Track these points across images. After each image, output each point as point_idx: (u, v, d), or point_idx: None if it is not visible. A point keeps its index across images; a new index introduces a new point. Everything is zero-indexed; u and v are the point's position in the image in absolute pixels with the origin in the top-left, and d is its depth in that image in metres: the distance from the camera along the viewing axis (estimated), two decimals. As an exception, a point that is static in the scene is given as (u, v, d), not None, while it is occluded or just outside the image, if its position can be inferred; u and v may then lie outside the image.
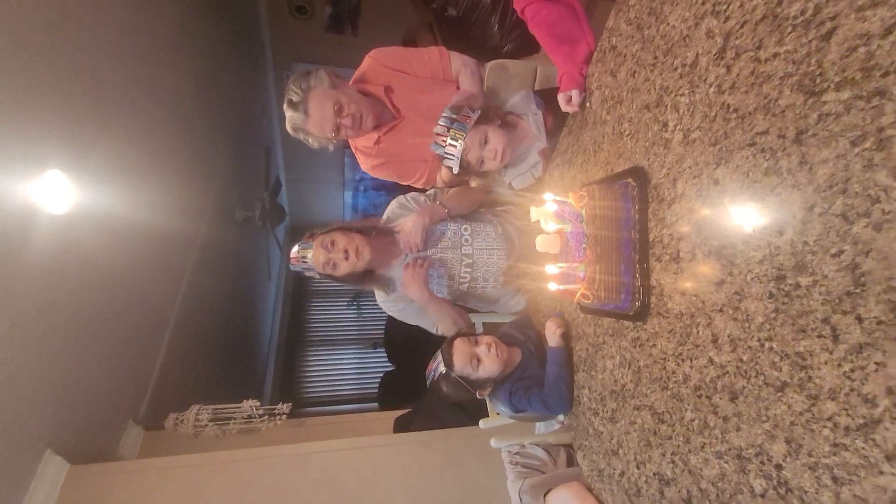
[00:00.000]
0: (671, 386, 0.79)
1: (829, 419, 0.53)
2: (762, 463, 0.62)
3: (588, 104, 1.09)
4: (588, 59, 1.08)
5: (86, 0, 1.77)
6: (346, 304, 6.35)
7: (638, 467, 0.88)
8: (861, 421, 0.50)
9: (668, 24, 0.80)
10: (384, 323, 5.01)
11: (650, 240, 0.85)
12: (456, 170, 1.29)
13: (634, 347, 0.89)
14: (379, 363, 5.60)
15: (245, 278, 4.67)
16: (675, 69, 0.79)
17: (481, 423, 1.60)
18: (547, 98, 1.35)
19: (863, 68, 0.50)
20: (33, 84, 1.51)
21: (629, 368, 0.91)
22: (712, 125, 0.71)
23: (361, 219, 1.55)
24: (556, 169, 1.28)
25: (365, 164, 1.63)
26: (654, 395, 0.83)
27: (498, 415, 1.56)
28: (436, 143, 1.27)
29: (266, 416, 2.17)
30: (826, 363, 0.54)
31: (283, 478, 1.82)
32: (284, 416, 2.21)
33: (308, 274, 1.40)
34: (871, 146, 0.49)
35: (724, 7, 0.69)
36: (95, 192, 1.87)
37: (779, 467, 0.59)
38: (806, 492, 0.56)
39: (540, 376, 1.24)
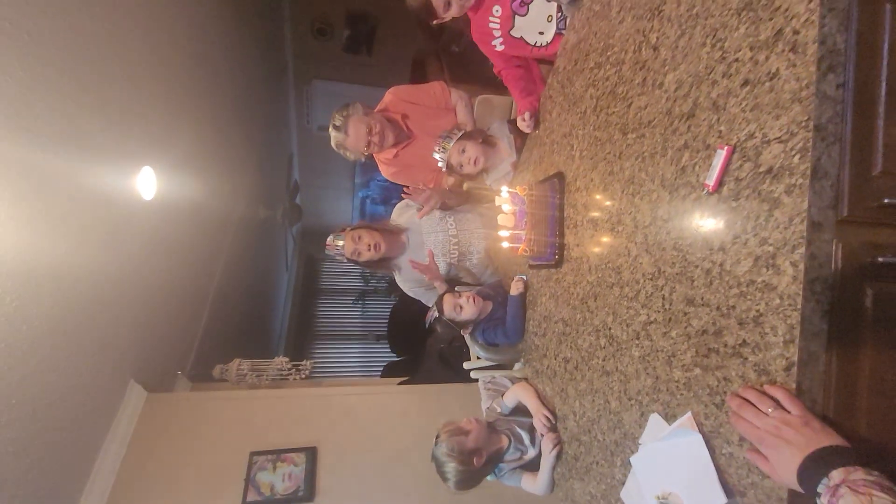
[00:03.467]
0: (570, 300, 1.32)
1: (626, 296, 1.05)
2: (605, 328, 1.14)
3: (537, 131, 1.63)
4: (537, 98, 1.63)
5: (166, 33, 2.34)
6: (351, 301, 6.83)
7: (554, 358, 1.40)
8: (634, 293, 1.02)
9: (574, 86, 1.35)
10: (387, 318, 5.51)
11: (564, 216, 1.38)
12: (443, 167, 1.83)
13: (556, 284, 1.42)
14: (382, 354, 6.08)
15: (266, 269, 5.20)
16: (577, 114, 1.33)
17: (465, 364, 2.12)
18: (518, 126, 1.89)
19: (640, 123, 1.04)
20: (133, 95, 2.03)
21: (552, 298, 1.43)
22: (591, 147, 1.25)
23: (377, 221, 2.13)
24: (519, 174, 1.82)
25: (386, 172, 2.16)
26: (563, 311, 1.36)
27: (478, 359, 2.09)
28: (435, 151, 1.82)
29: (293, 369, 2.68)
30: (625, 268, 1.06)
31: (311, 411, 2.33)
32: (308, 372, 2.72)
33: (339, 258, 1.95)
34: (639, 160, 1.03)
35: (600, 81, 1.23)
36: (169, 183, 2.41)
37: (609, 329, 1.12)
38: (618, 336, 1.08)
39: (504, 318, 1.76)
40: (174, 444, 2.12)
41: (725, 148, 0.77)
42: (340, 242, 1.89)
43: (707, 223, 0.82)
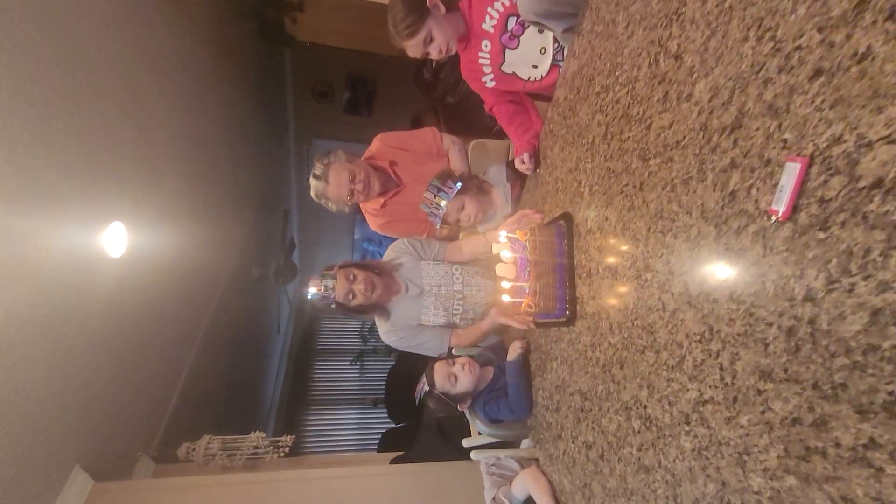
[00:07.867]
0: (589, 369, 1.06)
1: (665, 364, 0.81)
2: (637, 408, 0.88)
3: (538, 171, 1.46)
4: (536, 136, 1.47)
5: (154, 91, 2.26)
6: (349, 363, 6.46)
7: (572, 441, 1.12)
8: (676, 360, 0.78)
9: (579, 116, 1.18)
10: (385, 381, 5.14)
11: (575, 263, 1.16)
12: (438, 226, 1.65)
13: (569, 347, 1.17)
14: (379, 421, 5.63)
15: (255, 332, 4.92)
16: (584, 145, 1.15)
17: (464, 441, 1.80)
18: (518, 171, 1.72)
19: (665, 146, 0.84)
20: (110, 149, 1.91)
21: (565, 364, 1.17)
22: (603, 181, 1.05)
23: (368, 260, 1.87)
24: (520, 219, 1.63)
25: (373, 224, 1.97)
26: (581, 380, 1.10)
27: (480, 434, 1.78)
28: (424, 203, 1.63)
29: (271, 447, 2.35)
30: (661, 327, 0.82)
31: (287, 500, 1.98)
32: (287, 448, 2.38)
33: (323, 303, 1.64)
34: (668, 190, 0.82)
35: (607, 107, 1.06)
36: (144, 240, 2.23)
37: (645, 407, 0.86)
38: (659, 418, 0.82)
39: (507, 388, 1.48)
40: (119, 547, 1.77)
41: (798, 160, 0.56)
42: (331, 283, 1.63)
43: (778, 263, 0.59)
